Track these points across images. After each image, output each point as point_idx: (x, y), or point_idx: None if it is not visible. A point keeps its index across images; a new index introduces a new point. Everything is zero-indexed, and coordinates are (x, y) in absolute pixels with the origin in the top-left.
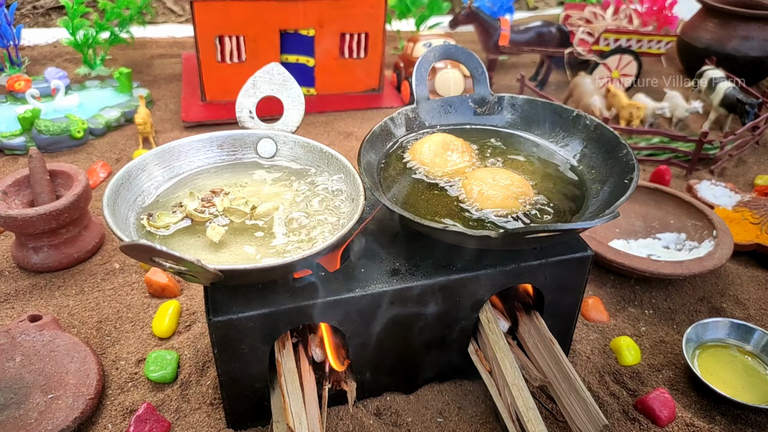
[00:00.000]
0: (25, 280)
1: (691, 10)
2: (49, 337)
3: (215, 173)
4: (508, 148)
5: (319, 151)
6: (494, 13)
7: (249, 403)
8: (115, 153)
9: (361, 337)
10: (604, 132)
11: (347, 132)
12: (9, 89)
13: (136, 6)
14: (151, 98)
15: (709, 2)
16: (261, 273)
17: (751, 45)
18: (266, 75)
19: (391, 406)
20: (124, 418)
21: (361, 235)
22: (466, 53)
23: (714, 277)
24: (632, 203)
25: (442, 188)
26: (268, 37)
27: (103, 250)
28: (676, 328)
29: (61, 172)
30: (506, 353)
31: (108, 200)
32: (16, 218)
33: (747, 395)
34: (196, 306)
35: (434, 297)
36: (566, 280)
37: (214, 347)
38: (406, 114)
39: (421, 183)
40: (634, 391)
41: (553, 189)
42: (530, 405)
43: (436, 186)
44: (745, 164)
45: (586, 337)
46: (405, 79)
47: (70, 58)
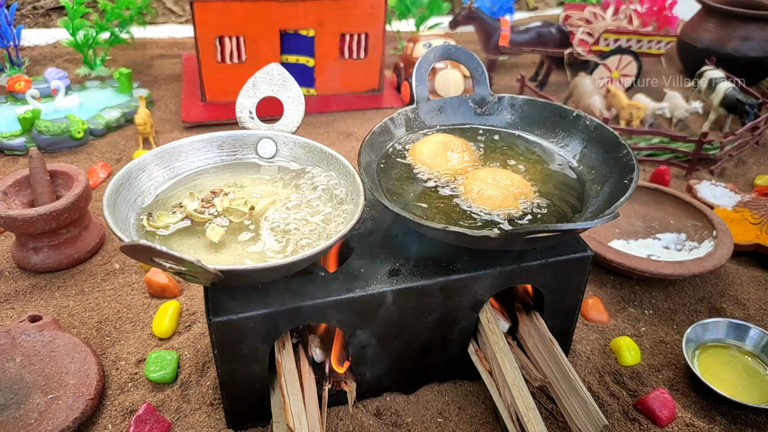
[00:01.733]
0: (25, 280)
1: (691, 11)
2: (49, 337)
3: (215, 173)
4: (508, 148)
5: (319, 151)
6: (494, 14)
7: (249, 403)
8: (115, 153)
9: (361, 338)
10: (604, 132)
11: (347, 132)
12: (9, 90)
13: (136, 6)
14: (151, 99)
15: (709, 2)
16: (261, 273)
17: (751, 45)
18: (266, 75)
19: (391, 407)
20: (124, 418)
21: (356, 235)
22: (466, 54)
23: (714, 278)
24: (632, 203)
25: (442, 188)
26: (268, 37)
27: (103, 251)
28: (676, 329)
29: (61, 172)
30: (506, 354)
31: (108, 200)
32: (16, 218)
33: (747, 395)
34: (196, 306)
35: (434, 297)
36: (566, 280)
37: (214, 347)
38: (406, 114)
39: (421, 183)
40: (634, 392)
41: (553, 189)
42: (530, 405)
43: (436, 186)
44: (745, 164)
45: (586, 338)
46: (405, 79)
47: (71, 58)
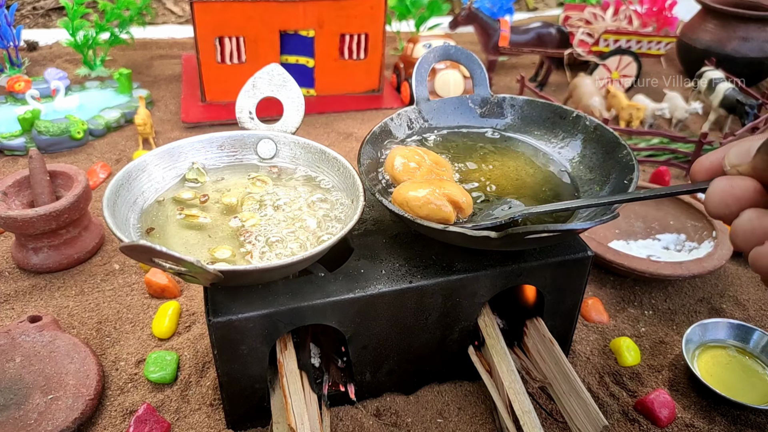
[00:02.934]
0: (25, 280)
1: (691, 11)
2: (49, 337)
3: (215, 173)
4: (508, 148)
5: (318, 152)
6: (494, 14)
7: (249, 403)
8: (115, 154)
9: (361, 338)
10: (604, 133)
11: (347, 133)
12: (9, 90)
13: (136, 7)
14: (151, 99)
15: (709, 3)
16: (261, 274)
17: (751, 46)
18: (266, 76)
19: (391, 407)
20: (124, 418)
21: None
22: (466, 54)
23: (714, 278)
24: (632, 204)
25: None
26: (268, 37)
27: (103, 251)
28: (676, 329)
29: (61, 172)
30: (503, 356)
31: (108, 201)
32: (16, 219)
33: (747, 396)
34: (195, 307)
35: (434, 297)
36: (566, 280)
37: (214, 348)
38: (406, 115)
39: None
40: (633, 392)
41: (553, 189)
42: (526, 408)
43: None
44: None
45: (585, 338)
46: (405, 79)
47: (70, 59)
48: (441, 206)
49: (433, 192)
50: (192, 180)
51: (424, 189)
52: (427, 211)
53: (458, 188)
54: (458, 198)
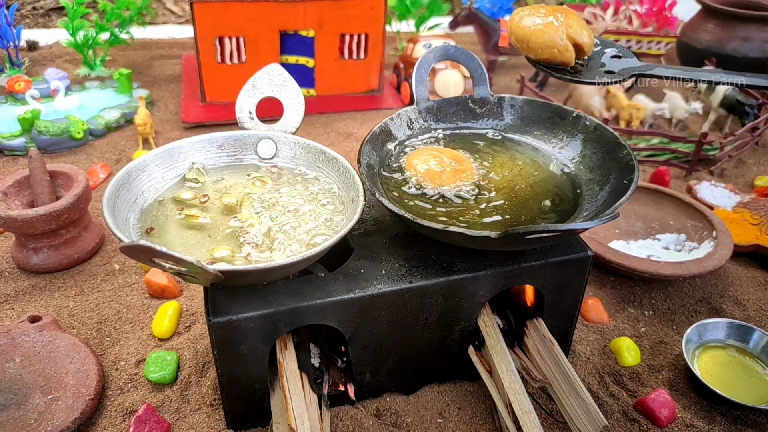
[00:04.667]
0: (25, 280)
1: (691, 11)
2: (49, 337)
3: (215, 173)
4: (508, 148)
5: (318, 152)
6: (494, 14)
7: (249, 403)
8: (115, 154)
9: (361, 338)
10: (604, 133)
11: (347, 133)
12: (9, 90)
13: (136, 7)
14: (151, 99)
15: (709, 3)
16: (261, 274)
17: (751, 46)
18: (266, 76)
19: (391, 407)
20: (124, 418)
21: (356, 235)
22: (465, 54)
23: (714, 278)
24: (632, 204)
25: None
26: (268, 37)
27: (103, 251)
28: (676, 329)
29: (61, 172)
30: (503, 356)
31: (108, 201)
32: (16, 219)
33: (747, 396)
34: (195, 307)
35: (434, 297)
36: (566, 280)
37: (214, 348)
38: (406, 115)
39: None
40: (633, 392)
41: (553, 189)
42: (526, 408)
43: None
44: (744, 165)
45: (585, 338)
46: (405, 79)
47: (70, 59)
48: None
49: (556, 30)
50: (192, 180)
51: (545, 18)
52: (548, 54)
53: (579, 23)
54: (579, 38)
